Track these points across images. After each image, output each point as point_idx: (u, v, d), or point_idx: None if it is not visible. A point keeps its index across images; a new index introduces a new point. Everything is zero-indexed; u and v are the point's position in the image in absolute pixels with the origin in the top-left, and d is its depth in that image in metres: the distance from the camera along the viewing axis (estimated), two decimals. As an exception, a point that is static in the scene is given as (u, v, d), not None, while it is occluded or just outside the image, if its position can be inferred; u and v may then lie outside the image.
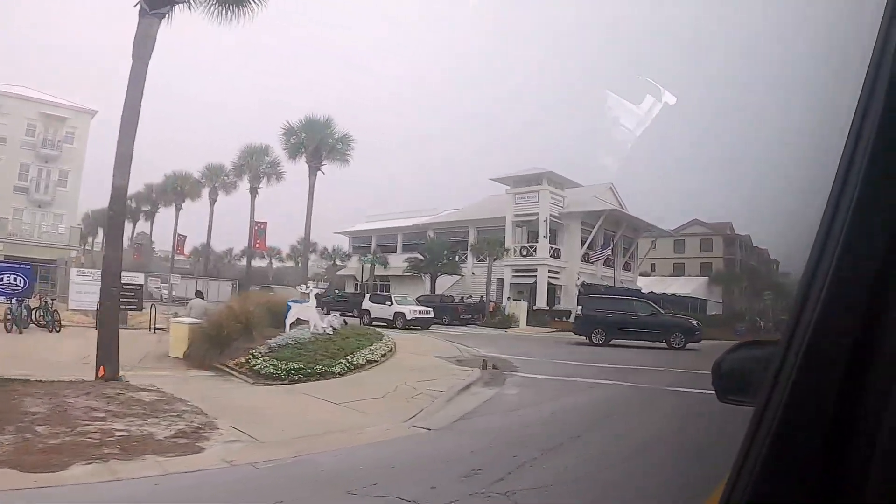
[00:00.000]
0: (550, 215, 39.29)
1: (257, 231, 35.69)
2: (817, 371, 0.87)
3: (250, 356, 14.86)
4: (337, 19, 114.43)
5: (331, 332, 18.62)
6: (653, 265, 59.01)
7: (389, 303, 31.76)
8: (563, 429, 8.62)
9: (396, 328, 28.22)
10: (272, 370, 13.63)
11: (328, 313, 40.99)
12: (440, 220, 48.10)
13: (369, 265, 31.51)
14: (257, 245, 36.88)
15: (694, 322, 25.45)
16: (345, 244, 57.42)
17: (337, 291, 48.75)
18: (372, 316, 31.42)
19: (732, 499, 0.94)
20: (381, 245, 52.67)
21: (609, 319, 24.00)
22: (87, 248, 68.64)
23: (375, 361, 14.85)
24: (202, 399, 9.86)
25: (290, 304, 18.94)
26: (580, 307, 25.72)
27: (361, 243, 54.78)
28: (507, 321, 33.41)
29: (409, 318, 29.87)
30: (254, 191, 36.26)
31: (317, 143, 29.86)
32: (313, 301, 22.23)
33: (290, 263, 63.22)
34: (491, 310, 36.09)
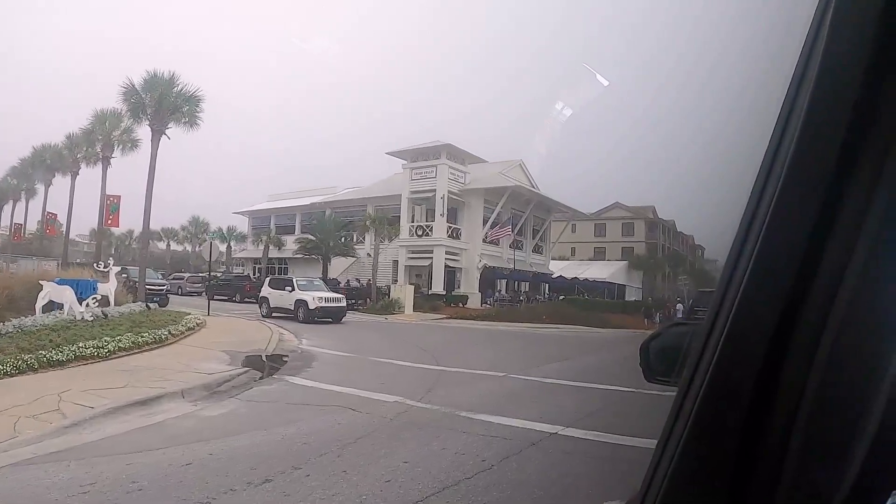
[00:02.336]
0: (449, 192, 35.71)
1: (109, 206, 30.81)
2: (739, 353, 0.89)
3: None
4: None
5: (90, 318, 14.70)
6: (572, 249, 56.58)
7: (290, 288, 24.96)
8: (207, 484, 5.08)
9: (299, 322, 22.67)
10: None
11: (212, 298, 36.28)
12: (338, 198, 44.13)
13: (214, 240, 26.18)
14: (109, 221, 32.01)
15: None
16: (244, 225, 53.05)
17: (218, 273, 44.55)
18: (272, 305, 25.27)
19: (657, 475, 0.97)
20: (279, 225, 48.49)
21: None
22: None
23: (97, 358, 10.95)
24: None
25: (46, 283, 14.85)
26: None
27: (261, 224, 50.46)
28: (391, 306, 29.77)
29: (311, 307, 23.53)
30: (105, 160, 31.31)
31: (158, 102, 25.40)
32: (113, 281, 18.34)
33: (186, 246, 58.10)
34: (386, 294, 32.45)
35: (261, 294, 26.75)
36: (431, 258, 35.37)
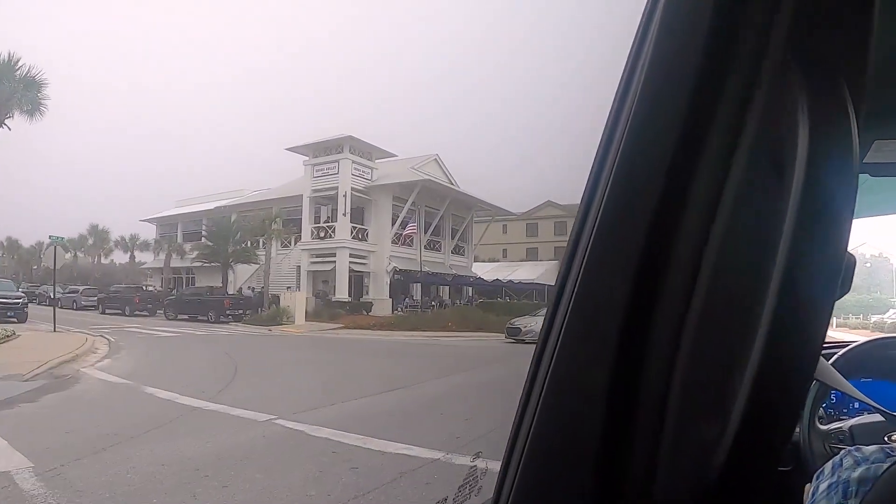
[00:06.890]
0: (354, 189, 33.01)
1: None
2: (587, 330, 0.77)
3: None
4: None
5: None
6: (504, 250, 54.62)
7: None
8: None
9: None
10: None
11: (103, 312, 32.35)
12: (245, 200, 40.97)
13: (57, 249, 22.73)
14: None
15: None
16: (151, 232, 49.30)
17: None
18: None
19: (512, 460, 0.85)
20: (186, 232, 44.99)
21: None
22: None
23: None
24: None
25: None
26: None
27: (169, 231, 46.81)
28: (278, 316, 26.92)
29: None
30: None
31: (-6, 88, 22.14)
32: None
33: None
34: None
35: None
36: (335, 262, 32.57)
